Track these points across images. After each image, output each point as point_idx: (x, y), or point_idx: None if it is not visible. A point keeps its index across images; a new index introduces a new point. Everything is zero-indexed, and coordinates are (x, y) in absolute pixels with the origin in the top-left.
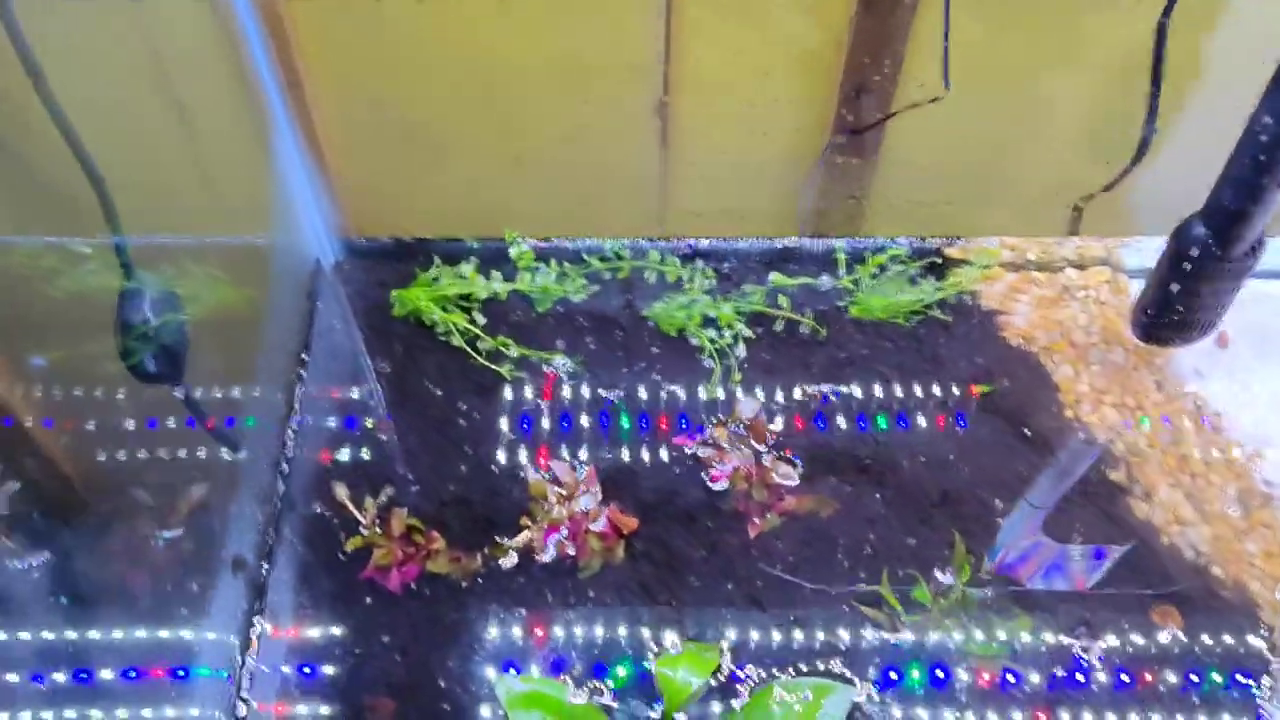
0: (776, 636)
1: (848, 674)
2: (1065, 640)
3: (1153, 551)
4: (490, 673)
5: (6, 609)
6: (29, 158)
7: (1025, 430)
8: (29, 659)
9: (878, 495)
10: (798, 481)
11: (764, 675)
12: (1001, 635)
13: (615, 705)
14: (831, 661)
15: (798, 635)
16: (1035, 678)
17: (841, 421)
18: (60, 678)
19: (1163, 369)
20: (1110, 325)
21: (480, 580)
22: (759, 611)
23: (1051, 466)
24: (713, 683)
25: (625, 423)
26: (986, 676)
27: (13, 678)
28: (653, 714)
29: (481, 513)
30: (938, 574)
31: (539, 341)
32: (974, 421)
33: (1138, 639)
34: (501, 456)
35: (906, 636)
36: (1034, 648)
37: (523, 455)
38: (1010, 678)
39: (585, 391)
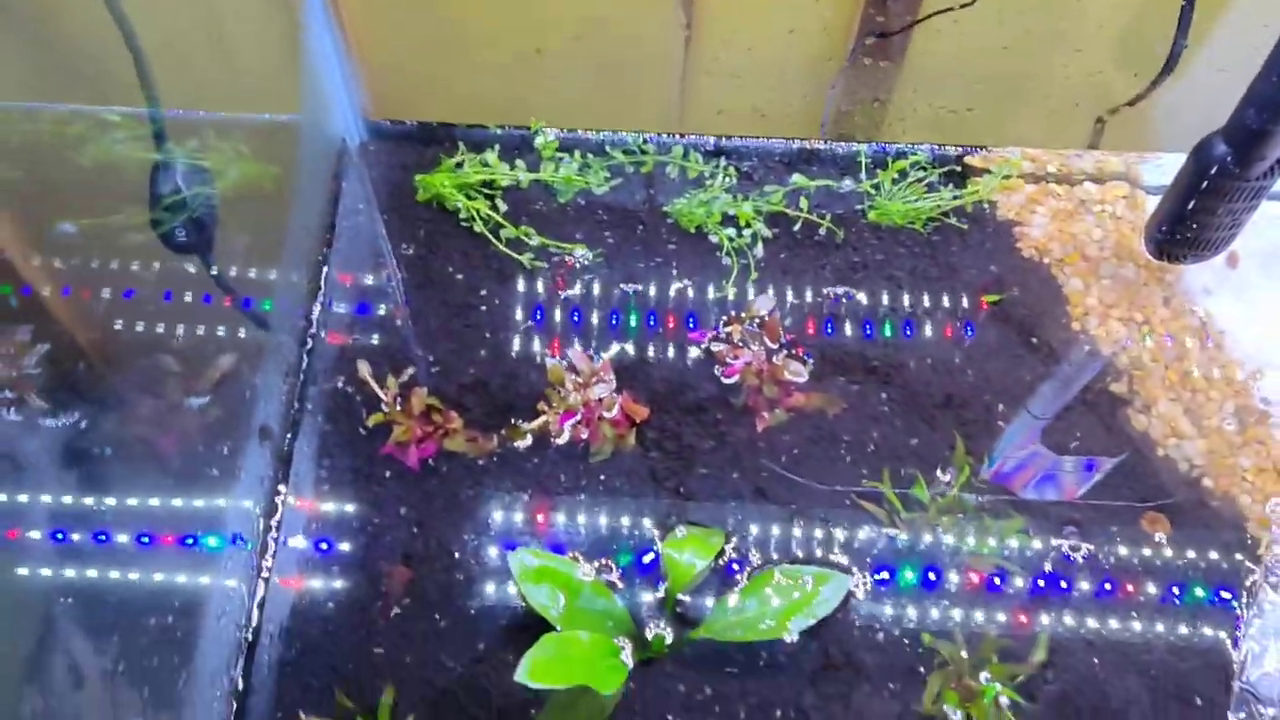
0: (778, 527)
1: (845, 564)
2: (1055, 541)
3: (1148, 462)
4: (503, 548)
5: (34, 468)
6: (56, 24)
7: (1032, 339)
8: (53, 519)
9: (884, 395)
10: (807, 379)
11: (765, 562)
12: (995, 535)
13: (621, 584)
14: (830, 552)
15: (799, 526)
16: (1022, 581)
17: (853, 323)
18: (79, 538)
19: (1172, 285)
20: (1124, 240)
21: (496, 460)
22: (763, 502)
23: (1055, 376)
24: (716, 566)
25: (641, 316)
26: (976, 576)
27: (35, 535)
28: (657, 593)
29: (499, 396)
30: (938, 473)
31: (559, 232)
32: (982, 329)
33: (1126, 545)
34: (519, 343)
35: (903, 532)
36: (1025, 548)
37: (540, 343)
38: (998, 580)
39: (603, 283)
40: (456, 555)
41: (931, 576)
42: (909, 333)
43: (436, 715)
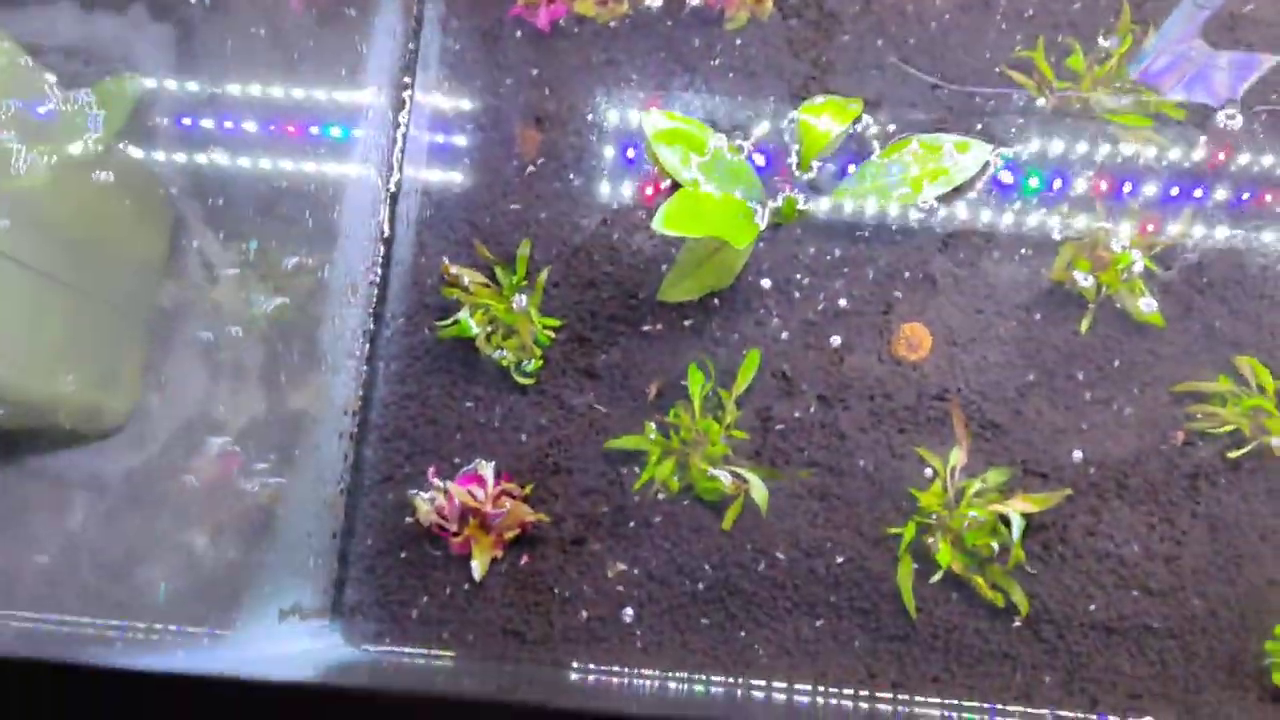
0: (921, 98)
1: (988, 136)
2: (1214, 117)
3: None
4: (636, 111)
5: None
6: None
7: None
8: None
9: None
10: None
11: (904, 131)
12: (1150, 108)
13: (754, 151)
14: (975, 123)
15: (942, 97)
16: (1174, 157)
17: None
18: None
19: None
20: None
21: (627, 23)
22: (909, 71)
23: None
24: (853, 134)
25: None
26: (1126, 151)
27: (163, 121)
28: (791, 161)
29: None
30: (1100, 40)
31: None
32: None
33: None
34: None
35: (1053, 103)
36: (1181, 122)
37: None
38: (1150, 155)
39: None
40: (589, 117)
41: (1079, 149)
42: None
43: (570, 268)
